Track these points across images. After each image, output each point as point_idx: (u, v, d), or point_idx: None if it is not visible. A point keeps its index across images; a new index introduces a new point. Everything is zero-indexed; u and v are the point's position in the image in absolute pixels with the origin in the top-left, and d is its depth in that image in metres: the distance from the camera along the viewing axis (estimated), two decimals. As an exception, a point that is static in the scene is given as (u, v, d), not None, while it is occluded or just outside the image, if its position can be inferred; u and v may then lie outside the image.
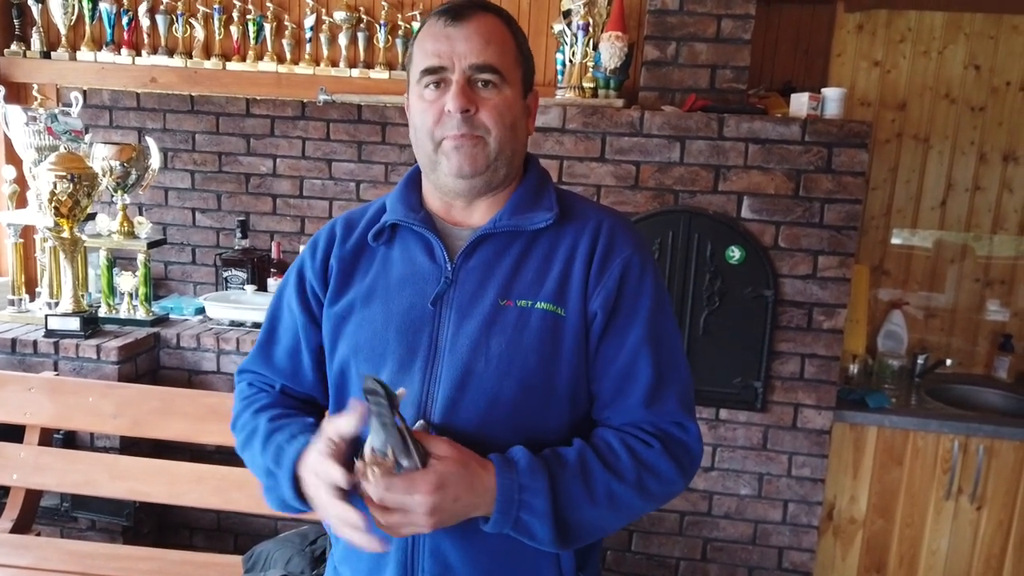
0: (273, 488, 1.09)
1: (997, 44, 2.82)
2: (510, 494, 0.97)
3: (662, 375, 1.07)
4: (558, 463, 1.01)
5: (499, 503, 0.96)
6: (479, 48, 1.03)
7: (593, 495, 1.01)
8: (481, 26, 1.04)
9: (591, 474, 1.01)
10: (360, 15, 2.96)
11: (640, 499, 1.04)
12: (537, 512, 0.98)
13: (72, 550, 2.21)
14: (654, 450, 1.04)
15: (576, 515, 1.00)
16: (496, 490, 0.96)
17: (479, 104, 1.04)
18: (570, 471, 1.00)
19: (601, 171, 2.47)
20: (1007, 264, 2.94)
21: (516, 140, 1.09)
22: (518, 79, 1.08)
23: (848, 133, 2.35)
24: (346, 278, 1.15)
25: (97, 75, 3.01)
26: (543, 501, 0.98)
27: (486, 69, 1.03)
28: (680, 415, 1.08)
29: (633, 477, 1.03)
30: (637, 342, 1.07)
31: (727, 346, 2.48)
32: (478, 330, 1.04)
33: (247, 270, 2.97)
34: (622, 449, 1.04)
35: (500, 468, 0.98)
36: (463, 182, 1.07)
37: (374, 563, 1.09)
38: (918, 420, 2.53)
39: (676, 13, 2.48)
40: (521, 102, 1.10)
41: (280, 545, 2.17)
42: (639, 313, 1.07)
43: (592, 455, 1.03)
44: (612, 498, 1.02)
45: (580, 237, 1.09)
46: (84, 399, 2.26)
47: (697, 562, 2.62)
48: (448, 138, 1.04)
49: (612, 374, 1.07)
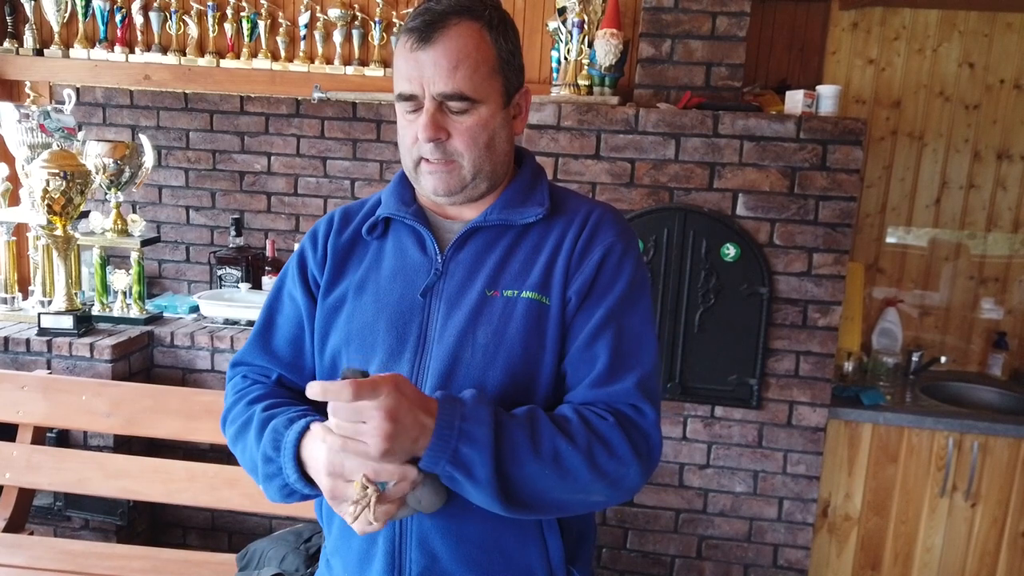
0: (274, 475, 1.05)
1: (991, 42, 2.82)
2: (451, 420, 0.92)
3: (622, 358, 1.04)
4: (506, 413, 0.98)
5: (437, 429, 0.92)
6: (446, 74, 1.01)
7: (538, 448, 0.96)
8: (449, 47, 1.01)
9: (538, 426, 0.97)
10: (355, 12, 2.95)
11: (589, 469, 0.98)
12: (477, 443, 0.93)
13: (65, 549, 2.20)
14: (607, 422, 1.00)
15: (519, 469, 0.95)
16: (437, 415, 0.92)
17: (451, 130, 1.04)
18: (517, 420, 0.97)
19: (596, 168, 2.47)
20: (1001, 262, 2.95)
21: (495, 155, 1.08)
22: (496, 90, 1.06)
23: (843, 130, 2.35)
24: (339, 269, 1.16)
25: (90, 72, 3.00)
26: (484, 431, 0.93)
27: (454, 97, 1.02)
28: (636, 397, 1.03)
29: (583, 441, 0.98)
30: (599, 323, 1.05)
31: (722, 343, 2.48)
32: (465, 320, 1.05)
33: (241, 268, 2.97)
34: (573, 415, 1.01)
35: (443, 398, 0.95)
36: (442, 199, 1.10)
37: (363, 555, 1.09)
38: (913, 417, 2.53)
39: (671, 10, 2.48)
40: (500, 114, 1.07)
41: (274, 543, 2.16)
42: (608, 296, 1.06)
43: (542, 413, 1.00)
44: (558, 458, 0.96)
45: (568, 228, 1.10)
46: (77, 397, 2.25)
47: (692, 560, 2.62)
48: (423, 160, 1.06)
49: (573, 353, 1.06)
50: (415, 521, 1.05)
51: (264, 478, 1.08)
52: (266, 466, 1.06)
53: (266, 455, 1.06)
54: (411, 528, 1.05)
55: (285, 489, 1.06)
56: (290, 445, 1.02)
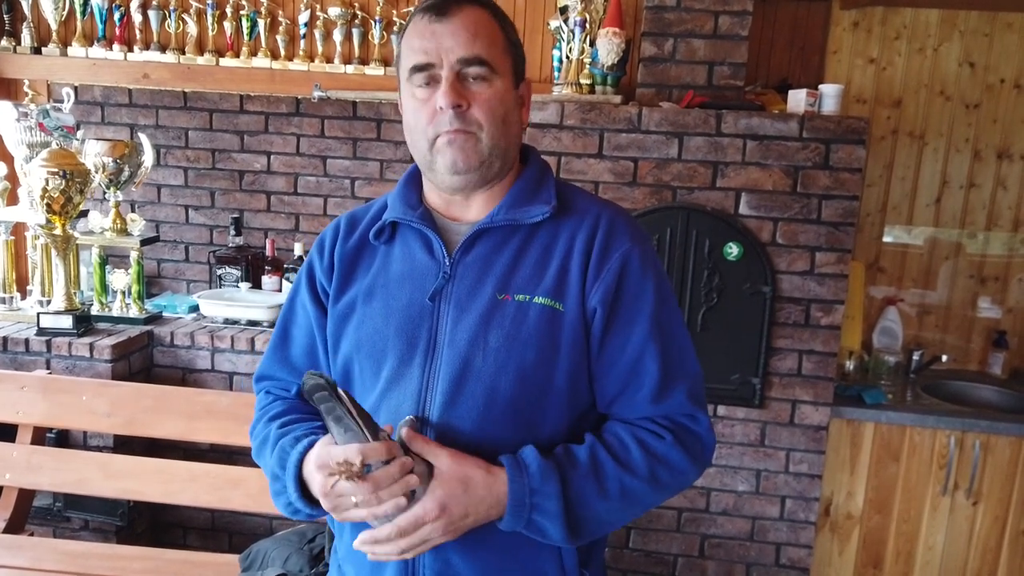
0: (280, 492, 1.09)
1: (991, 41, 2.83)
2: (521, 498, 0.98)
3: (669, 371, 1.07)
4: (569, 462, 1.01)
5: (511, 508, 0.98)
6: (466, 41, 1.02)
7: (605, 491, 1.01)
8: (466, 19, 1.03)
9: (602, 470, 1.01)
10: (355, 11, 2.94)
11: (653, 492, 1.05)
12: (549, 514, 0.99)
13: (66, 550, 2.19)
14: (665, 442, 1.04)
15: (588, 512, 1.01)
16: (507, 495, 0.98)
17: (470, 99, 1.03)
18: (581, 470, 1.01)
19: (599, 167, 2.46)
20: (1001, 261, 2.95)
21: (509, 132, 1.08)
22: (508, 69, 1.08)
23: (845, 129, 2.35)
24: (348, 276, 1.15)
25: (89, 71, 2.98)
26: (555, 503, 0.99)
27: (475, 62, 1.03)
28: (690, 407, 1.07)
29: (645, 471, 1.03)
30: (642, 339, 1.06)
31: (725, 342, 2.48)
32: (476, 324, 1.04)
33: (241, 268, 2.95)
34: (633, 443, 1.04)
35: (511, 472, 0.99)
36: (459, 178, 1.07)
37: (376, 561, 1.08)
38: (914, 416, 2.54)
39: (673, 9, 2.48)
40: (513, 92, 1.09)
41: (278, 543, 2.15)
42: (642, 309, 1.07)
43: (603, 451, 1.03)
44: (624, 493, 1.02)
45: (578, 230, 1.09)
46: (77, 398, 2.24)
47: (695, 559, 2.62)
48: (442, 134, 1.04)
49: (618, 371, 1.07)
50: None
51: (274, 494, 1.12)
52: (274, 483, 1.10)
53: (274, 472, 1.09)
54: None
55: (290, 508, 1.09)
56: (293, 464, 1.05)
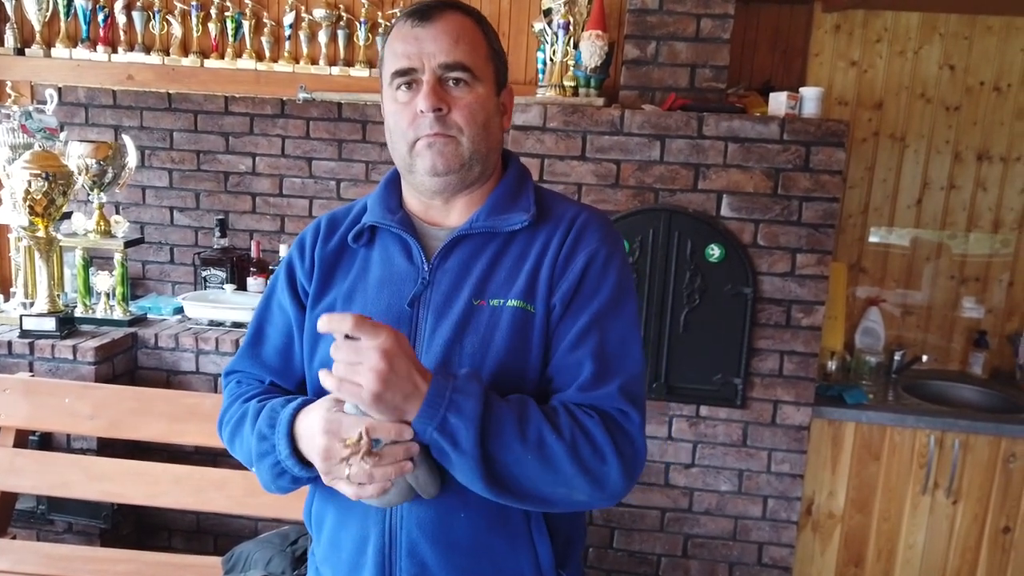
0: (267, 453, 1.05)
1: (971, 44, 2.85)
2: (442, 389, 0.95)
3: (605, 367, 1.04)
4: (496, 395, 0.99)
5: (429, 394, 0.94)
6: (448, 47, 1.03)
7: (524, 432, 0.97)
8: (449, 25, 1.04)
9: (526, 412, 0.99)
10: (340, 12, 2.94)
11: (571, 462, 0.98)
12: (465, 414, 0.94)
13: (49, 553, 2.19)
14: (592, 419, 1.01)
15: (503, 448, 0.96)
16: (430, 381, 0.95)
17: (451, 103, 1.04)
18: (506, 402, 0.99)
19: (582, 170, 2.48)
20: (982, 262, 2.98)
21: (490, 138, 1.09)
22: (490, 76, 1.08)
23: (826, 132, 2.37)
24: (327, 279, 1.15)
25: (72, 72, 2.97)
26: (473, 404, 0.95)
27: (456, 67, 1.04)
28: (621, 401, 1.03)
29: (568, 434, 0.98)
30: (583, 328, 1.05)
31: (707, 343, 2.49)
32: (452, 330, 1.05)
33: (226, 269, 2.95)
34: (562, 409, 1.01)
35: (437, 371, 0.98)
36: (438, 180, 1.07)
37: (353, 563, 1.10)
38: (895, 416, 2.56)
39: (656, 12, 2.49)
40: (494, 99, 1.10)
41: (260, 546, 2.16)
42: (592, 304, 1.06)
43: (531, 401, 1.01)
44: (542, 445, 0.97)
45: (553, 235, 1.10)
46: (60, 400, 2.24)
47: (678, 558, 2.64)
48: (422, 138, 1.05)
49: (558, 358, 1.06)
50: (404, 528, 1.05)
51: (257, 458, 1.07)
52: (260, 444, 1.06)
53: (260, 433, 1.06)
54: (400, 535, 1.05)
55: (276, 467, 1.05)
56: (285, 420, 1.03)
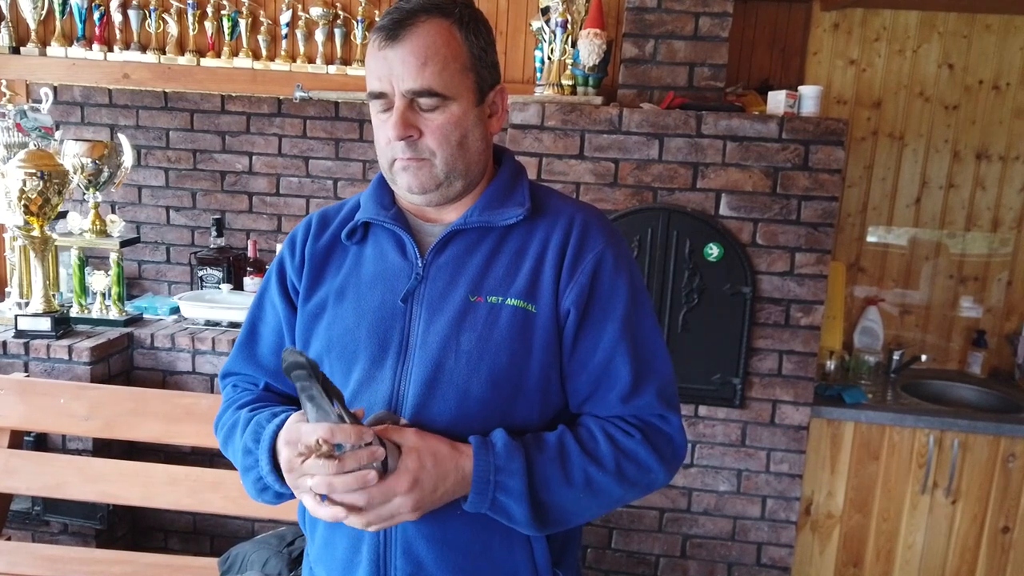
0: (251, 467, 1.05)
1: (970, 43, 2.85)
2: (486, 475, 0.98)
3: (640, 371, 1.07)
4: (536, 446, 1.02)
5: (475, 484, 0.98)
6: (415, 71, 1.00)
7: (570, 479, 1.01)
8: (418, 43, 1.00)
9: (568, 457, 1.02)
10: (337, 11, 2.93)
11: (619, 486, 1.04)
12: (513, 493, 0.99)
13: (44, 554, 2.17)
14: (634, 439, 1.05)
15: (552, 497, 1.01)
16: (472, 472, 0.98)
17: (422, 127, 1.02)
18: (548, 454, 1.01)
19: (580, 168, 2.47)
20: (980, 261, 2.98)
21: (468, 153, 1.06)
22: (468, 88, 1.04)
23: (825, 131, 2.36)
24: (318, 275, 1.15)
25: (68, 71, 2.96)
26: (519, 482, 0.99)
27: (423, 93, 1.01)
28: (660, 408, 1.07)
29: (612, 464, 1.03)
30: (614, 340, 1.06)
31: (706, 343, 2.49)
32: (448, 326, 1.04)
33: (223, 269, 2.94)
34: (601, 436, 1.05)
35: (477, 449, 0.99)
36: (418, 197, 1.08)
37: (347, 563, 1.09)
38: (894, 415, 2.56)
39: (654, 10, 2.48)
40: (472, 112, 1.05)
41: (257, 547, 2.14)
42: (615, 309, 1.07)
43: (572, 440, 1.03)
44: (589, 483, 1.02)
45: (552, 232, 1.09)
46: (55, 400, 2.22)
47: (677, 559, 2.63)
48: (398, 159, 1.05)
49: (589, 372, 1.07)
50: (400, 527, 1.04)
51: (243, 471, 1.09)
52: (245, 458, 1.07)
53: (246, 447, 1.06)
54: (396, 535, 1.05)
55: (260, 483, 1.06)
56: (268, 436, 1.03)
